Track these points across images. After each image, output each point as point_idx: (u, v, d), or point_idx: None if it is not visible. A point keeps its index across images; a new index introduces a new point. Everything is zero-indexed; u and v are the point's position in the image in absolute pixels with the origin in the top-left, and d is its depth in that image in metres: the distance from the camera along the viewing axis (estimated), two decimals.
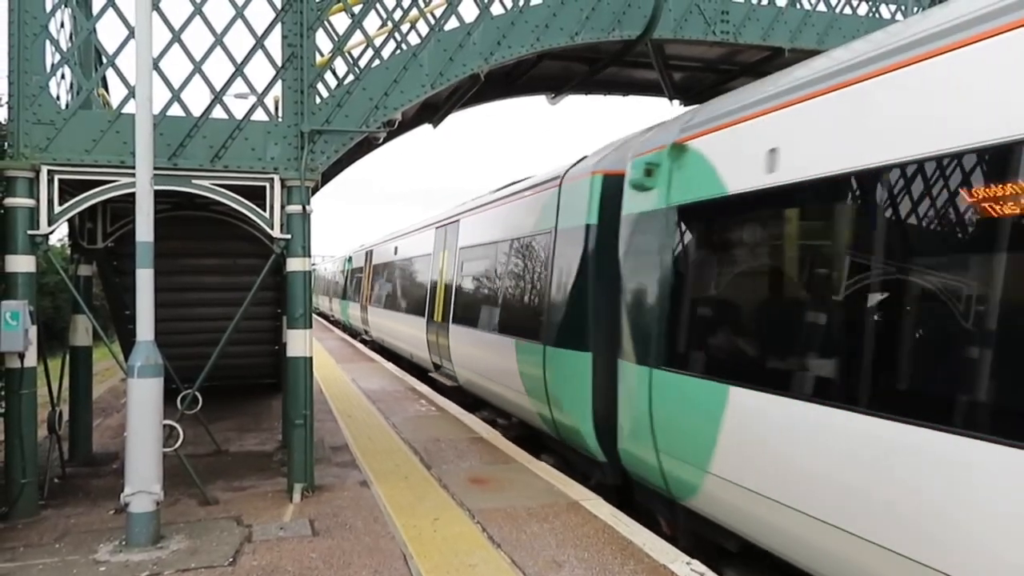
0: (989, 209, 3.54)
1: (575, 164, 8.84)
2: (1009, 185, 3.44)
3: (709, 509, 5.67)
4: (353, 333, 28.82)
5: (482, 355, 11.19)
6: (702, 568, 5.35)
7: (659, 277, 6.31)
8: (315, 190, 7.49)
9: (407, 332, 17.04)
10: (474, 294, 11.86)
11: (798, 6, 8.74)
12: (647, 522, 6.51)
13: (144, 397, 5.85)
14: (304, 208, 7.03)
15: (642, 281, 6.62)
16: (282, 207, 7.01)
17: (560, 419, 8.31)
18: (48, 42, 6.63)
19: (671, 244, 6.26)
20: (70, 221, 7.82)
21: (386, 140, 8.60)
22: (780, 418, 4.70)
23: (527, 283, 9.61)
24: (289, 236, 7.02)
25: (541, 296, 8.91)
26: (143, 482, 5.79)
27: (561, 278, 8.35)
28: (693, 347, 5.85)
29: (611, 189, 7.65)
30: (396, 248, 19.86)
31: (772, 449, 4.78)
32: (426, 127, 10.16)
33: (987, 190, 3.55)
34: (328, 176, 9.57)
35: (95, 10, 6.89)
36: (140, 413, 5.84)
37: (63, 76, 7.45)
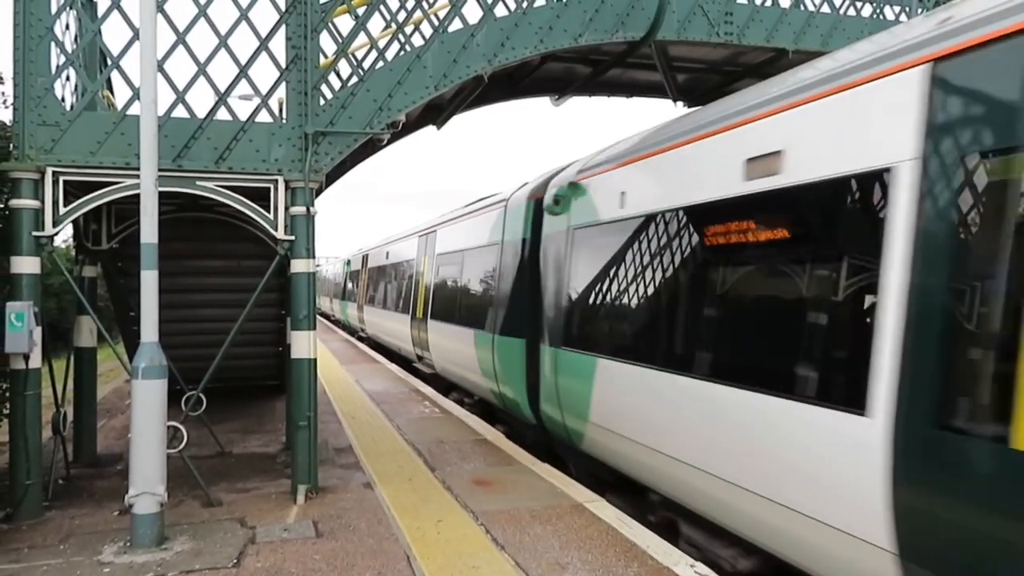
0: (710, 241, 5.84)
1: (518, 189, 10.93)
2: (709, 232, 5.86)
3: (592, 450, 7.91)
4: (351, 331, 30.47)
5: (451, 344, 13.40)
6: (705, 570, 5.34)
7: (561, 280, 8.58)
8: (319, 192, 7.50)
9: (395, 328, 19.15)
10: (446, 294, 14.11)
11: (802, 7, 8.72)
12: (563, 468, 7.99)
13: (148, 398, 5.86)
14: (308, 209, 7.03)
15: (552, 283, 8.87)
16: (286, 208, 7.01)
17: (504, 392, 10.47)
18: (53, 44, 6.65)
19: (569, 256, 8.45)
20: (75, 222, 7.83)
21: (390, 142, 8.60)
22: (626, 378, 6.86)
23: (482, 285, 11.83)
24: (293, 238, 7.02)
25: (491, 295, 11.14)
26: (147, 483, 5.80)
27: (504, 280, 10.59)
28: (577, 331, 8.11)
29: (541, 211, 9.52)
30: (387, 253, 21.93)
31: (623, 401, 6.97)
32: (430, 128, 10.16)
33: (702, 231, 5.95)
34: (332, 178, 9.58)
35: (100, 12, 6.90)
36: (144, 414, 5.85)
37: (68, 78, 7.47)
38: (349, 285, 30.77)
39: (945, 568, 3.73)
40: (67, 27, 7.26)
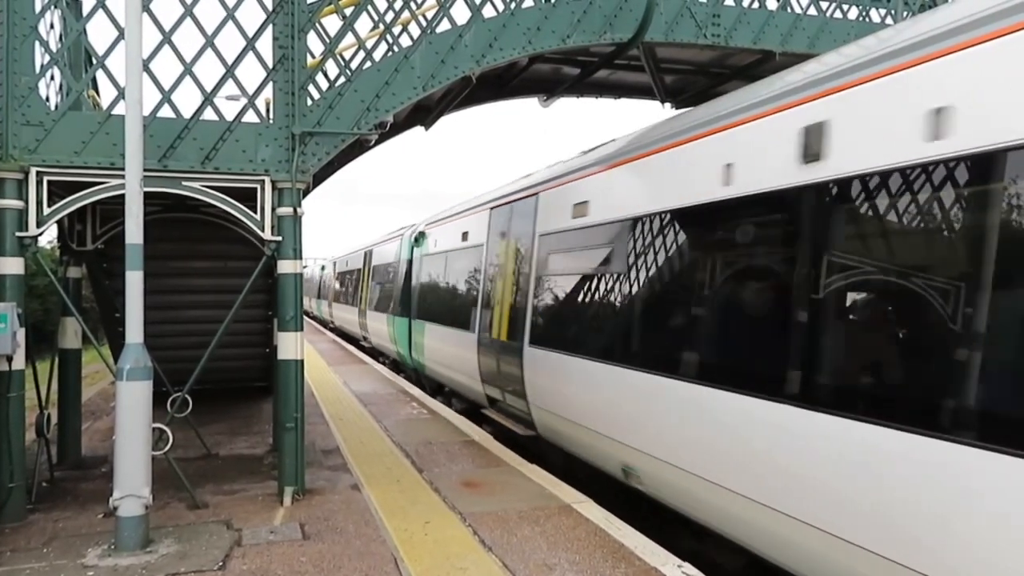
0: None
1: (411, 227, 18.30)
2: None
3: (429, 374, 15.01)
4: (323, 323, 38.84)
5: (377, 325, 20.96)
6: (693, 571, 5.35)
7: (417, 283, 16.20)
8: (306, 192, 7.47)
9: (350, 318, 27.16)
10: (376, 292, 21.68)
11: (789, 10, 8.75)
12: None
13: (133, 400, 5.82)
14: (295, 210, 7.00)
15: (415, 284, 16.37)
16: (273, 209, 6.98)
17: (400, 350, 17.81)
18: (37, 43, 6.59)
19: (420, 270, 16.19)
20: (59, 223, 7.77)
21: (378, 142, 8.58)
22: (437, 332, 13.63)
23: (390, 285, 19.47)
24: (280, 238, 6.99)
25: (393, 292, 18.61)
26: (132, 486, 5.76)
27: (399, 283, 18.00)
28: (419, 310, 15.50)
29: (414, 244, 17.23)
30: (347, 261, 30.56)
31: (437, 345, 13.71)
32: (418, 129, 10.14)
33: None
34: (319, 178, 9.55)
35: (85, 11, 6.84)
36: (129, 416, 5.81)
37: (52, 77, 7.41)
38: (322, 286, 41.06)
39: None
40: (52, 26, 7.20)
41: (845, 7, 9.02)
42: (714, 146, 5.86)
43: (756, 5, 8.64)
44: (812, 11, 8.81)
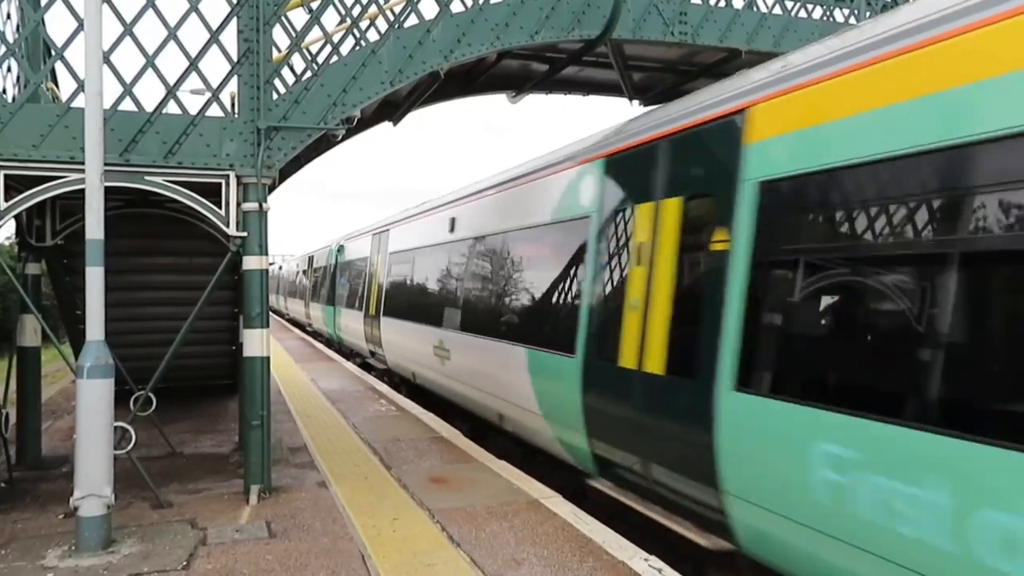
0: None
1: (340, 239, 24.09)
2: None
3: (343, 341, 21.92)
4: (280, 314, 44.31)
5: (317, 314, 26.91)
6: (660, 564, 5.40)
7: (335, 281, 23.07)
8: (272, 188, 7.39)
9: (301, 309, 33.32)
10: (318, 289, 26.89)
11: (755, 9, 8.85)
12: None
13: (94, 398, 5.71)
14: (261, 206, 6.92)
15: (337, 282, 22.75)
16: (238, 204, 6.90)
17: (331, 332, 23.88)
18: None
19: (338, 272, 22.87)
20: (17, 218, 7.61)
21: (345, 137, 8.51)
22: (345, 315, 20.77)
23: (324, 284, 25.19)
24: (245, 234, 6.91)
25: (323, 289, 25.26)
26: (93, 485, 5.66)
27: (328, 282, 24.34)
28: (336, 298, 22.59)
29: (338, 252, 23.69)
30: (296, 263, 37.85)
31: (342, 322, 21.46)
32: (386, 124, 10.09)
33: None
34: (286, 173, 9.44)
35: (43, 1, 6.69)
36: (90, 414, 5.70)
37: (9, 69, 7.25)
38: (278, 284, 47.24)
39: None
40: (8, 16, 7.05)
41: (810, 7, 9.15)
42: (446, 212, 12.42)
43: (723, 4, 8.72)
44: (777, 10, 8.92)
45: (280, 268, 48.50)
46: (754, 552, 5.19)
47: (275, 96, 7.04)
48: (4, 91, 6.87)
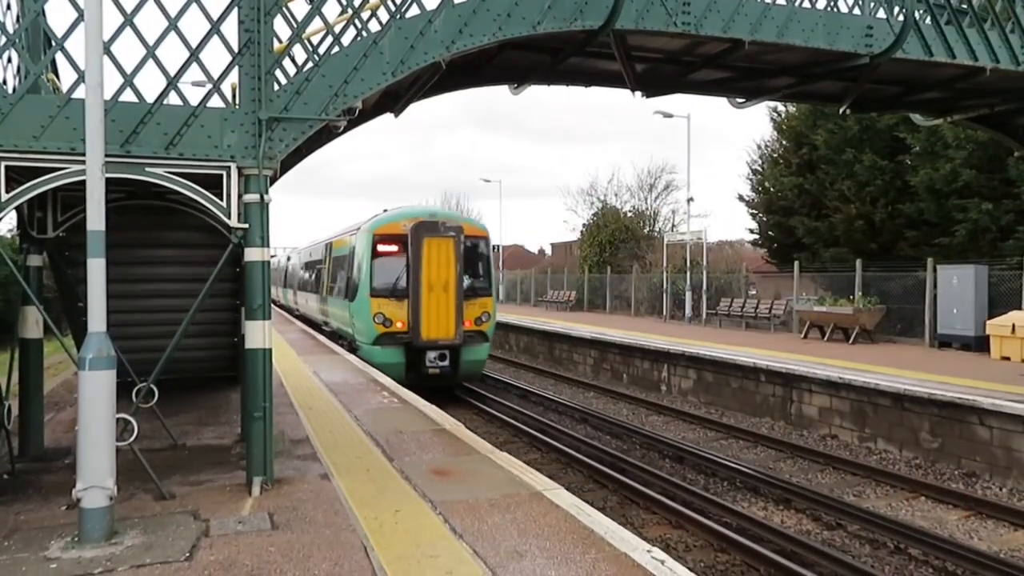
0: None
1: (300, 247, 38.04)
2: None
3: (296, 311, 36.36)
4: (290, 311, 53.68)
5: (289, 296, 37.24)
6: (662, 555, 5.40)
7: (290, 279, 37.96)
8: (274, 179, 7.37)
9: (276, 295, 40.67)
10: (285, 280, 39.46)
11: None
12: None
13: (96, 390, 5.71)
14: (262, 197, 6.91)
15: (290, 278, 38.21)
16: (239, 196, 6.88)
17: (291, 306, 37.52)
18: None
19: (291, 273, 38.11)
20: (18, 210, 7.60)
21: (347, 129, 8.50)
22: (297, 296, 35.71)
23: (289, 278, 38.85)
24: (247, 226, 6.89)
25: (289, 279, 38.56)
26: (96, 477, 5.66)
27: (288, 276, 39.79)
28: (291, 287, 38.32)
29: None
30: (279, 261, 44.76)
31: (296, 300, 36.42)
32: (388, 116, 10.06)
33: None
34: (287, 165, 9.42)
35: None
36: (92, 406, 5.70)
37: (9, 60, 7.22)
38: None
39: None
40: (8, 7, 7.02)
41: None
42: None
43: None
44: (781, 1, 8.86)
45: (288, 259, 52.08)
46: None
47: (276, 87, 7.01)
48: (4, 82, 6.85)
